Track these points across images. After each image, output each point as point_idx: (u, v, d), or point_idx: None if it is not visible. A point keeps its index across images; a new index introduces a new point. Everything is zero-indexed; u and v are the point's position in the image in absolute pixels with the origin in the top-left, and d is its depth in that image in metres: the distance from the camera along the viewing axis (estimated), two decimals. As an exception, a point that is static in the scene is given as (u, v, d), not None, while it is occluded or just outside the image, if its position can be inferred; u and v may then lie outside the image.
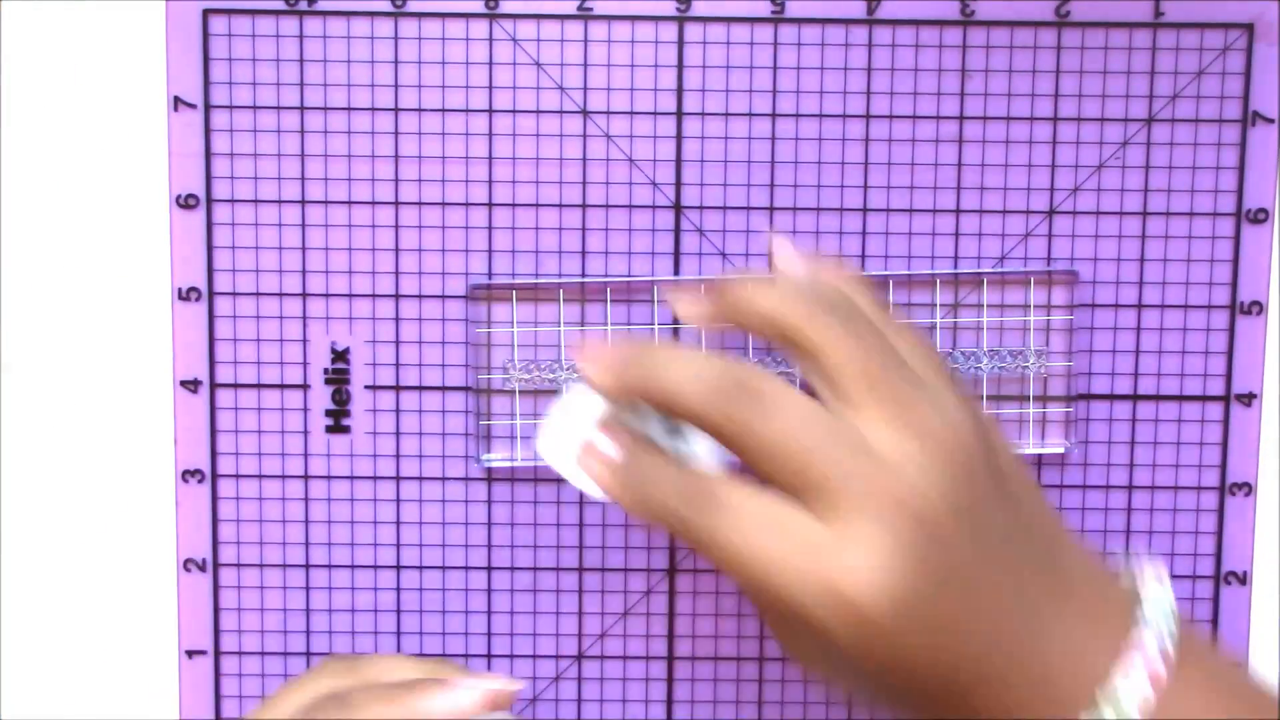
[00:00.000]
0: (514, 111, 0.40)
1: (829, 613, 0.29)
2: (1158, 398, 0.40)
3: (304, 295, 0.40)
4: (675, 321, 0.40)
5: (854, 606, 0.28)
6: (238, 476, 0.41)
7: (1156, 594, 0.31)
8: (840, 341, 0.30)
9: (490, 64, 0.40)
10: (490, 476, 0.41)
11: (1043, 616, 0.30)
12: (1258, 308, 0.40)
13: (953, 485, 0.29)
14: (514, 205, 0.40)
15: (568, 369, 0.40)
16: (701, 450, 0.33)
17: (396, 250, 0.40)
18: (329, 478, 0.41)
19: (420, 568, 0.41)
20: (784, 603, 0.29)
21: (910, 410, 0.30)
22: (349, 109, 0.40)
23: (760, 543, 0.29)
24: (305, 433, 0.41)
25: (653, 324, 0.40)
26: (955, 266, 0.40)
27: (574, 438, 0.32)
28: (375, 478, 0.41)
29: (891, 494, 0.29)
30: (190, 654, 0.41)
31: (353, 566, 0.41)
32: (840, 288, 0.33)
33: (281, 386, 0.41)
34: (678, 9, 0.39)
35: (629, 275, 0.40)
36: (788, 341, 0.31)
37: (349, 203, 0.40)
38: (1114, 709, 0.29)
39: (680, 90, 0.40)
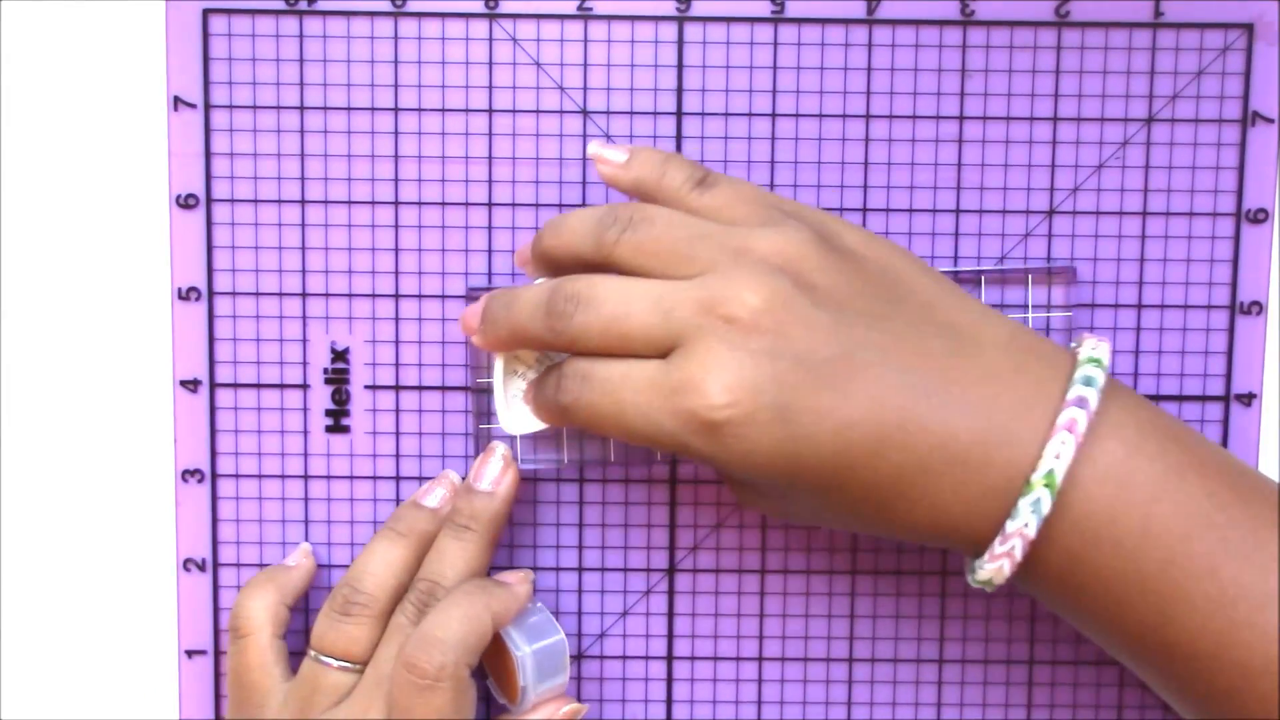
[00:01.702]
0: (514, 111, 0.40)
1: (691, 434, 0.31)
2: (1157, 398, 0.40)
3: (304, 295, 0.40)
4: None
5: (701, 417, 0.31)
6: (237, 476, 0.41)
7: (1089, 353, 0.33)
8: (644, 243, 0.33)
9: (490, 64, 0.40)
10: (490, 476, 0.41)
11: (946, 393, 0.31)
12: (1257, 308, 0.40)
13: (772, 283, 0.31)
14: (514, 205, 0.40)
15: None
16: None
17: (396, 250, 0.40)
18: (329, 478, 0.41)
19: (420, 568, 0.41)
20: (663, 444, 0.32)
21: (714, 252, 0.32)
22: (349, 109, 0.40)
23: (627, 399, 0.32)
24: (305, 433, 0.41)
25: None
26: (955, 266, 0.40)
27: (508, 402, 0.37)
28: (375, 478, 0.41)
29: (714, 311, 0.31)
30: (190, 654, 0.41)
31: (353, 566, 0.41)
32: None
33: (281, 386, 0.41)
34: (678, 9, 0.39)
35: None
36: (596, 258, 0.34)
37: (349, 203, 0.40)
38: (1046, 478, 0.31)
39: (680, 90, 0.40)
